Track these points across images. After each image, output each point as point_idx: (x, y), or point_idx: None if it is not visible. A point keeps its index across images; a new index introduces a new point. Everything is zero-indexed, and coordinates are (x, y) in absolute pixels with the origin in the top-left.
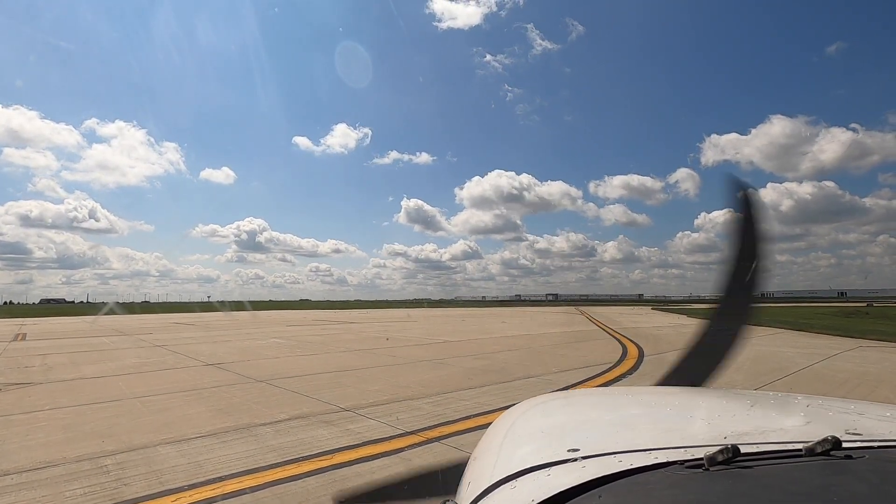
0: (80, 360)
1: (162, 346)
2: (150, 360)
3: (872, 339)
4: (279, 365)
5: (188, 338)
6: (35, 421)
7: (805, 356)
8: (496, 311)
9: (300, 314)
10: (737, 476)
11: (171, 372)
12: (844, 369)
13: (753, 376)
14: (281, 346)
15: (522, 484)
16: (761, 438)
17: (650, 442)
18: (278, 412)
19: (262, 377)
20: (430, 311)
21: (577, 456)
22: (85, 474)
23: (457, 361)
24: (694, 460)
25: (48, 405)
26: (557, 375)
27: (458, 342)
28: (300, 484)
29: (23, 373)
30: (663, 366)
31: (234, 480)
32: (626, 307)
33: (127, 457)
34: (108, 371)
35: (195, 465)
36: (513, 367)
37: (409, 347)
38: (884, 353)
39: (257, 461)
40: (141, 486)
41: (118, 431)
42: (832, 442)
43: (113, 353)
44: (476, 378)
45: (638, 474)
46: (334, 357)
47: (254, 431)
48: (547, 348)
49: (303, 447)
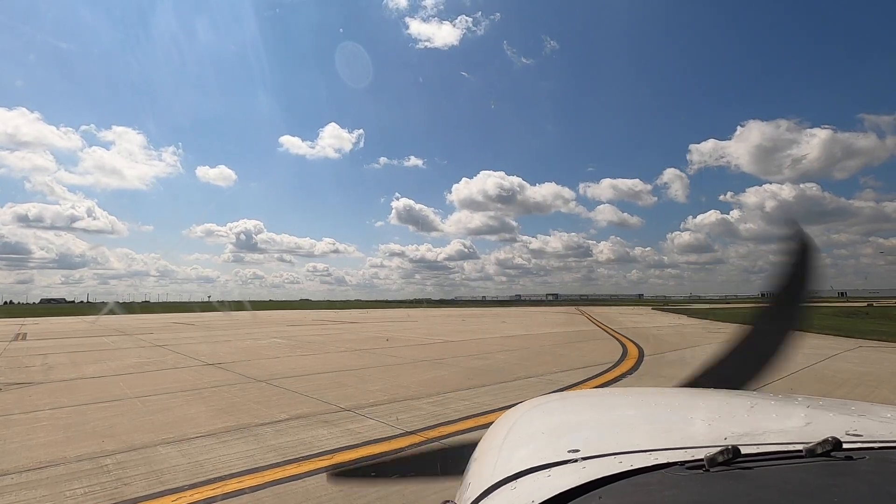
0: (80, 359)
1: (162, 345)
2: (151, 360)
3: (873, 340)
4: (279, 365)
5: (188, 337)
6: (36, 420)
7: (804, 356)
8: (496, 311)
9: (300, 314)
10: (737, 477)
11: (171, 372)
12: (844, 370)
13: None
14: (281, 345)
15: (523, 485)
16: (761, 439)
17: (650, 443)
18: (278, 412)
19: (262, 377)
20: (429, 311)
21: (578, 457)
22: (85, 474)
23: (457, 361)
24: (694, 461)
25: (49, 405)
26: (557, 375)
27: (458, 342)
28: (300, 484)
29: (23, 372)
30: (663, 366)
31: (234, 480)
32: (627, 307)
33: (127, 456)
34: (109, 371)
35: (196, 464)
36: (513, 367)
37: (408, 347)
38: (884, 354)
39: (258, 461)
40: (141, 485)
41: (118, 431)
42: (833, 443)
43: (113, 353)
44: (476, 378)
45: (638, 475)
46: (334, 357)
47: (254, 431)
48: (547, 348)
49: (303, 447)
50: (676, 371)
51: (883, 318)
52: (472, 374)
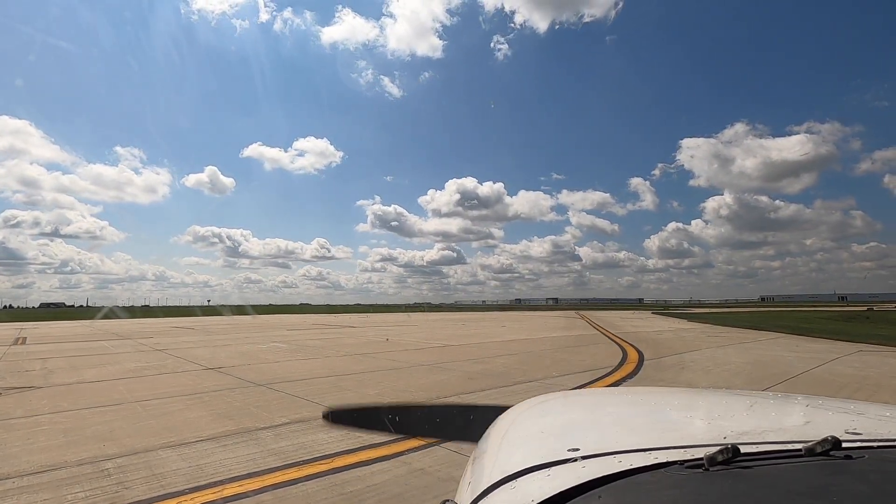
0: (80, 364)
1: (162, 350)
2: (151, 364)
3: (873, 344)
4: (279, 369)
5: (188, 342)
6: (36, 425)
7: (804, 360)
8: (496, 316)
9: (300, 318)
10: (737, 476)
11: (171, 376)
12: (844, 374)
13: (753, 381)
14: (281, 350)
15: (522, 484)
16: (761, 438)
17: (650, 442)
18: (279, 416)
19: (262, 381)
20: (429, 316)
21: (577, 456)
22: (86, 478)
23: (456, 365)
24: (694, 460)
25: (49, 409)
26: (558, 379)
27: (457, 346)
28: (300, 487)
29: (23, 377)
30: (663, 370)
31: (234, 484)
32: (627, 311)
33: (128, 460)
34: (109, 375)
35: (196, 468)
36: (512, 371)
37: (408, 351)
38: (884, 358)
39: (258, 465)
40: (142, 489)
41: (119, 435)
42: (832, 442)
43: (113, 357)
44: (476, 382)
45: (638, 474)
46: (334, 361)
47: (254, 435)
48: (547, 352)
49: (303, 451)
50: (676, 375)
51: (883, 322)
52: (471, 378)
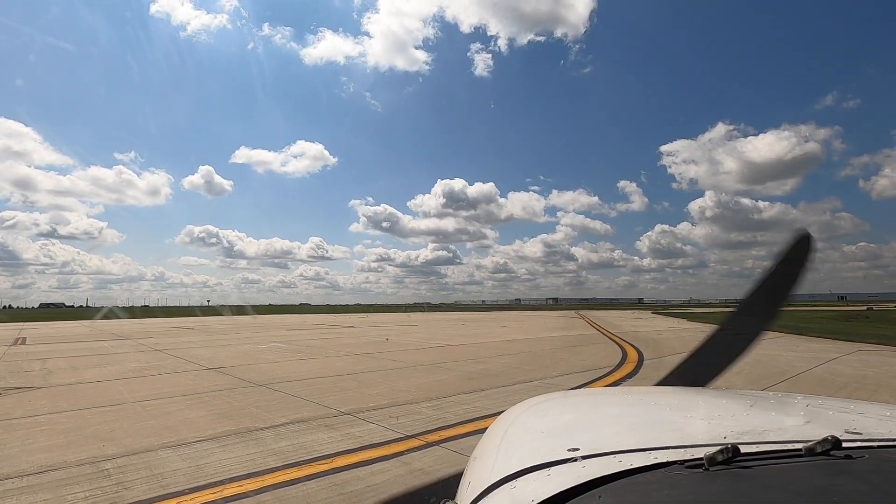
0: (79, 364)
1: (162, 350)
2: (151, 365)
3: (872, 343)
4: (279, 369)
5: (188, 342)
6: (36, 425)
7: (804, 360)
8: (496, 315)
9: (300, 318)
10: (736, 476)
11: (171, 376)
12: (844, 373)
13: (752, 380)
14: (281, 350)
15: (522, 484)
16: (761, 438)
17: (650, 442)
18: (279, 416)
19: (262, 381)
20: (429, 316)
21: (577, 456)
22: (86, 478)
23: (456, 365)
24: (694, 460)
25: (49, 409)
26: (557, 379)
27: (457, 346)
28: (301, 487)
29: (23, 377)
30: (663, 370)
31: (234, 484)
32: (627, 311)
33: (128, 460)
34: (109, 375)
35: (196, 468)
36: (512, 371)
37: (408, 351)
38: (883, 357)
39: (258, 465)
40: (142, 489)
41: (119, 435)
42: (832, 442)
43: (113, 358)
44: (476, 382)
45: (638, 474)
46: (334, 361)
47: (254, 435)
48: (547, 352)
49: (303, 451)
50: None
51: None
52: (471, 378)
